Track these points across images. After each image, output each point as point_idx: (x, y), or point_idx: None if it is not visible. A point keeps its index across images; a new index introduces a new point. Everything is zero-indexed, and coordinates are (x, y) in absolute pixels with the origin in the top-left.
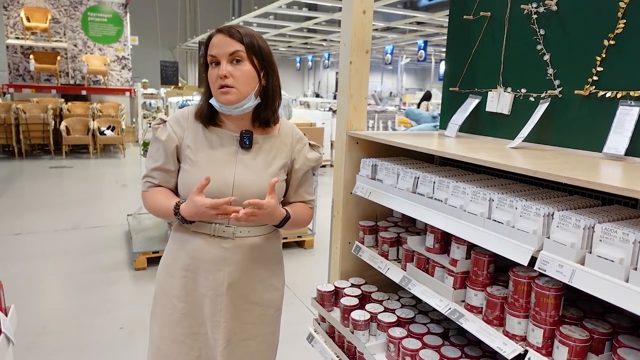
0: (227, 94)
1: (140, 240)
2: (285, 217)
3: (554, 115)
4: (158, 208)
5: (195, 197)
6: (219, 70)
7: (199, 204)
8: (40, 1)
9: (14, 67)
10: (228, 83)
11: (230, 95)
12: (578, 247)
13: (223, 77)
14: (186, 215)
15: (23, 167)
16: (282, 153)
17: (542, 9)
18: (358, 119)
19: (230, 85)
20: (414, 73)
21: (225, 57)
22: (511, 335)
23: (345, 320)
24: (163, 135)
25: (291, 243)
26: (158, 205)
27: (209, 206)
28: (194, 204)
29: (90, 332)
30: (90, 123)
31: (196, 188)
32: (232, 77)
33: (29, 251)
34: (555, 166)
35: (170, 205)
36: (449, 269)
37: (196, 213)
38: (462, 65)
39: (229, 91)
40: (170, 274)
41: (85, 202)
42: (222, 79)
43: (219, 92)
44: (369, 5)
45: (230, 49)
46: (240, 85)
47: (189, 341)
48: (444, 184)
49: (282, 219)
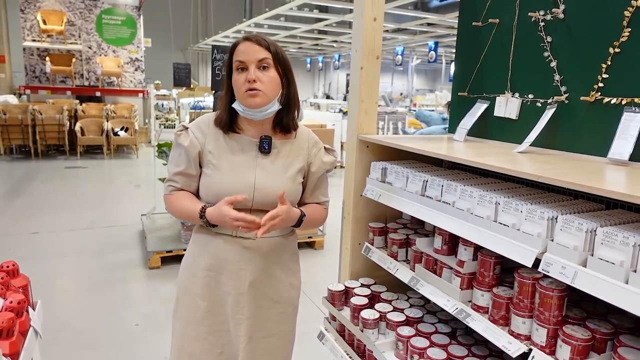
0: (255, 96)
1: (154, 240)
2: (301, 216)
3: (561, 121)
4: (183, 211)
5: (224, 207)
6: (247, 75)
7: (225, 214)
8: (56, 4)
9: (30, 69)
10: (256, 87)
11: (257, 99)
12: (580, 249)
13: (252, 81)
14: (210, 220)
15: (39, 168)
16: (299, 157)
17: (549, 17)
18: (369, 123)
19: (258, 89)
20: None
21: (254, 63)
22: (516, 334)
23: (355, 319)
24: (185, 142)
25: (302, 244)
26: (183, 208)
27: (234, 218)
28: (220, 212)
29: (107, 329)
30: (104, 124)
31: (229, 198)
32: (260, 81)
33: (47, 250)
34: (560, 171)
35: (196, 209)
36: (456, 270)
37: (220, 220)
38: (471, 70)
39: (256, 94)
40: (193, 273)
41: (100, 202)
42: (250, 83)
43: (246, 94)
44: (380, 13)
45: (259, 56)
46: (267, 89)
47: (212, 338)
48: (451, 187)
49: (299, 219)
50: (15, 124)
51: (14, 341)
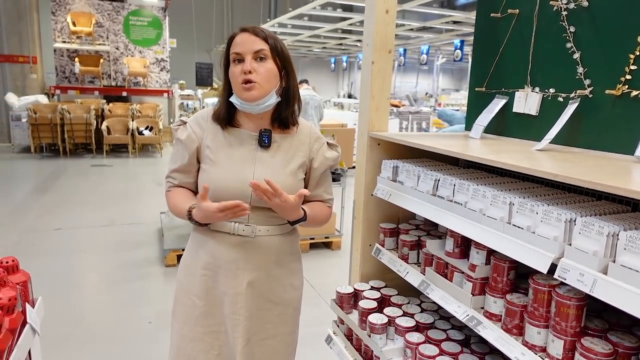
0: (251, 89)
1: (172, 238)
2: (301, 218)
3: (584, 116)
4: (176, 209)
5: (202, 204)
6: (243, 66)
7: (206, 209)
8: (86, 6)
9: (60, 70)
10: (252, 78)
11: (253, 91)
12: (601, 255)
13: (247, 72)
14: (199, 220)
15: (67, 165)
16: (300, 152)
17: (572, 5)
18: (380, 120)
19: (254, 81)
20: (450, 73)
21: (250, 54)
22: (530, 345)
23: (362, 323)
24: (183, 135)
25: (318, 244)
26: (177, 206)
27: (215, 210)
28: (201, 210)
29: (121, 325)
30: (130, 123)
31: (199, 195)
32: (256, 72)
33: (68, 246)
34: (581, 169)
35: (185, 209)
36: (468, 274)
37: (206, 217)
38: (489, 64)
39: (252, 86)
40: (190, 272)
41: (122, 199)
42: (246, 74)
43: (242, 87)
44: (392, 5)
45: (255, 47)
46: (263, 81)
47: (209, 339)
48: (464, 187)
49: (298, 219)
50: (45, 123)
51: (0, 339)
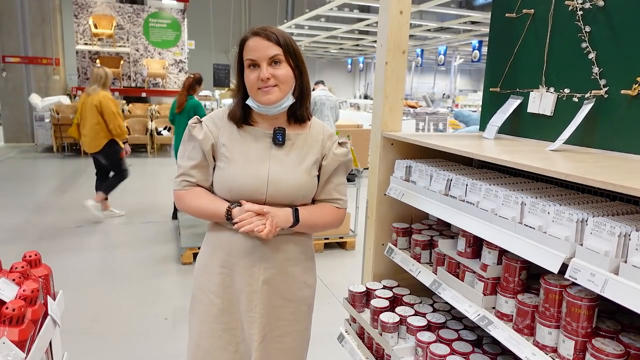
0: (269, 93)
1: (188, 236)
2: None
3: (599, 117)
4: (201, 209)
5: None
6: (259, 73)
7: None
8: (107, 9)
9: (82, 71)
10: (270, 84)
11: (271, 95)
12: (612, 255)
13: (265, 80)
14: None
15: (87, 165)
16: (314, 149)
17: (588, 5)
18: (393, 120)
19: (272, 85)
20: (468, 74)
21: (266, 61)
22: (541, 345)
23: (374, 322)
24: (200, 134)
25: (332, 244)
26: (202, 206)
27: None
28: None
29: (138, 321)
30: (149, 124)
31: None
32: (273, 77)
33: (88, 242)
34: (595, 170)
35: (221, 210)
36: (479, 274)
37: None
38: (504, 64)
39: (270, 91)
40: (207, 270)
41: (140, 197)
42: (264, 81)
43: (259, 92)
44: (407, 5)
45: (270, 53)
46: (281, 85)
47: (227, 336)
48: (476, 187)
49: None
50: (66, 123)
51: (24, 329)
